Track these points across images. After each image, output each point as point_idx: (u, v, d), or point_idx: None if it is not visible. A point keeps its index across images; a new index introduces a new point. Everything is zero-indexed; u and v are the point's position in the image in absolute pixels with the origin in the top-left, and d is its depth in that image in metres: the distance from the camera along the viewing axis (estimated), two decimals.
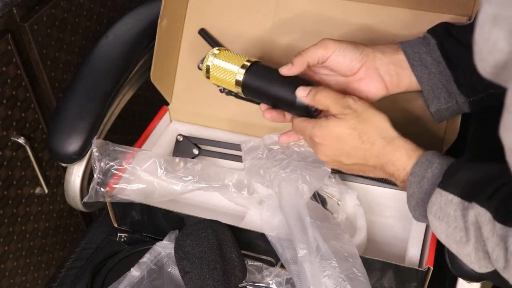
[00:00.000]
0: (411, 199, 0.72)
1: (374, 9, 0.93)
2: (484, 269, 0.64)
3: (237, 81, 0.83)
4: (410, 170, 0.72)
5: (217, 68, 0.84)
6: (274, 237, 0.82)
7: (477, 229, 0.62)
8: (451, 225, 0.65)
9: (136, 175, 0.90)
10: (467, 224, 0.63)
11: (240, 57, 0.84)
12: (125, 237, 0.94)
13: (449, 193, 0.65)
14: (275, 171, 0.85)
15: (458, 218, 0.64)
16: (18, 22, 1.04)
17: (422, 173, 0.70)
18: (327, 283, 0.74)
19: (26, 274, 1.25)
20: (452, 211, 0.65)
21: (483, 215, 0.61)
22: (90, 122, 0.94)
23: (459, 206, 0.64)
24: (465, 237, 0.63)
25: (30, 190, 1.18)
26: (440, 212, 0.66)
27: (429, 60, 0.78)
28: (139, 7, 1.08)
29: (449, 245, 0.67)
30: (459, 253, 0.66)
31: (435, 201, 0.67)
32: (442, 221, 0.66)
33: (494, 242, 0.60)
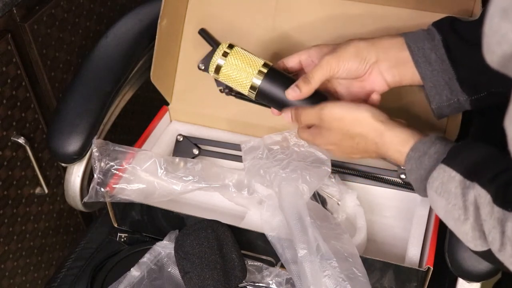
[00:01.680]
0: (410, 175, 0.73)
1: (375, 9, 0.93)
2: (479, 247, 0.65)
3: (252, 86, 0.82)
4: (413, 146, 0.73)
5: (231, 67, 0.82)
6: (274, 237, 0.82)
7: (476, 209, 0.63)
8: (451, 202, 0.66)
9: (136, 175, 0.90)
10: (466, 203, 0.64)
11: (254, 59, 0.83)
12: (125, 237, 0.94)
13: (452, 170, 0.66)
14: (275, 171, 0.85)
15: (458, 196, 0.65)
16: (18, 22, 1.04)
17: (425, 150, 0.71)
18: (327, 283, 0.74)
19: (26, 274, 1.25)
20: (454, 188, 0.66)
21: (483, 196, 0.62)
22: (90, 122, 0.94)
23: (461, 184, 0.65)
24: (463, 215, 0.65)
25: (30, 190, 1.18)
26: (441, 188, 0.67)
27: (433, 57, 0.78)
28: (139, 7, 1.08)
29: (447, 221, 0.68)
30: (456, 231, 0.67)
31: (437, 176, 0.68)
32: (442, 197, 0.67)
33: (492, 225, 0.61)
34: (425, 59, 0.78)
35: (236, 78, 0.83)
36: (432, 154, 0.70)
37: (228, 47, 0.83)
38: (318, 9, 0.96)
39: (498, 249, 0.61)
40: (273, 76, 0.82)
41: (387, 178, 0.93)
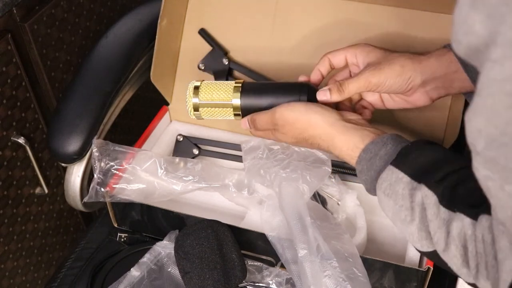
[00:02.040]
0: (361, 175, 0.74)
1: (375, 9, 0.93)
2: (425, 248, 0.65)
3: (235, 107, 0.83)
4: (364, 147, 0.73)
5: (208, 101, 0.83)
6: (274, 237, 0.82)
7: (423, 210, 0.64)
8: (398, 203, 0.67)
9: (136, 175, 0.90)
10: (413, 204, 0.65)
11: (224, 84, 0.83)
12: (125, 237, 0.94)
13: (400, 171, 0.67)
14: (275, 171, 0.85)
15: (406, 197, 0.66)
16: (18, 22, 1.04)
17: (376, 151, 0.71)
18: (327, 283, 0.74)
19: (26, 274, 1.25)
20: (401, 190, 0.66)
21: (429, 197, 0.63)
22: (90, 122, 0.94)
23: (408, 186, 0.66)
24: (410, 216, 0.65)
25: (30, 190, 1.18)
26: (389, 189, 0.68)
27: None
28: (139, 7, 1.08)
29: (394, 222, 0.69)
30: (403, 231, 0.68)
31: (385, 177, 0.68)
32: (390, 198, 0.68)
33: (437, 225, 0.62)
34: None
35: (217, 109, 0.83)
36: (383, 156, 0.70)
37: (195, 85, 0.84)
38: (318, 9, 0.96)
39: (442, 249, 0.62)
40: (249, 88, 0.83)
41: None
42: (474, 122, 0.48)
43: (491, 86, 0.45)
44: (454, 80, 0.79)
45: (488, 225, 0.57)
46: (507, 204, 0.50)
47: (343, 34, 0.94)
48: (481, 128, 0.47)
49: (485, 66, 0.45)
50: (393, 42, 0.92)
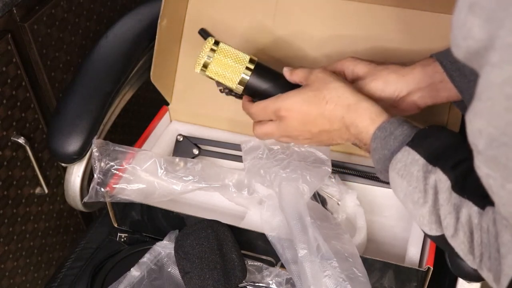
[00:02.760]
0: (374, 153, 0.73)
1: (375, 9, 0.93)
2: (434, 232, 0.66)
3: (241, 81, 0.83)
4: (380, 125, 0.72)
5: (219, 64, 0.83)
6: (274, 237, 0.82)
7: (435, 193, 0.64)
8: (412, 184, 0.66)
9: (136, 175, 0.90)
10: (427, 186, 0.65)
11: (240, 55, 0.83)
12: (125, 237, 0.94)
13: (416, 153, 0.67)
14: (275, 171, 0.85)
15: (420, 179, 0.66)
16: (18, 22, 1.04)
17: (391, 130, 0.71)
18: (327, 283, 0.74)
19: (26, 274, 1.25)
20: (416, 171, 0.66)
21: (443, 181, 0.63)
22: (90, 122, 0.94)
23: (423, 168, 0.66)
24: (422, 198, 0.65)
25: (30, 190, 1.18)
26: (403, 170, 0.67)
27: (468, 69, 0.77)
28: (139, 7, 1.08)
29: (405, 203, 0.69)
30: (414, 214, 0.68)
31: (401, 158, 0.68)
32: (404, 179, 0.67)
33: (447, 210, 0.62)
34: (459, 73, 0.77)
35: (224, 74, 0.83)
36: (398, 136, 0.70)
37: (214, 43, 0.84)
38: (318, 9, 0.96)
39: (451, 235, 0.63)
40: (260, 70, 0.83)
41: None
42: (474, 123, 0.48)
43: (491, 89, 0.45)
44: (440, 89, 0.80)
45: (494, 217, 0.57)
46: (508, 202, 0.51)
47: (343, 34, 0.94)
48: (481, 129, 0.48)
49: (484, 70, 0.45)
50: (393, 42, 0.92)
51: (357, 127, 0.75)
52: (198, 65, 0.84)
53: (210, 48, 0.83)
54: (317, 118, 0.77)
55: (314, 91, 0.77)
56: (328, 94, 0.76)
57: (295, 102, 0.78)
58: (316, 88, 0.77)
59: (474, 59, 0.47)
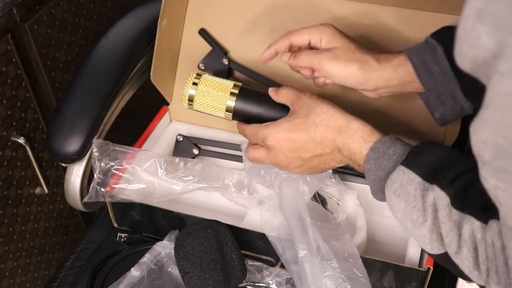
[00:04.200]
0: (369, 174, 0.72)
1: (375, 9, 0.93)
2: (436, 250, 0.64)
3: (228, 108, 0.83)
4: (372, 145, 0.72)
5: (203, 95, 0.84)
6: (274, 237, 0.82)
7: (435, 211, 0.63)
8: (410, 204, 0.65)
9: (136, 175, 0.90)
10: (425, 205, 0.64)
11: (224, 82, 0.84)
12: (125, 237, 0.94)
13: (412, 172, 0.66)
14: (276, 171, 0.86)
15: (418, 198, 0.64)
16: (18, 22, 1.04)
17: (384, 150, 0.70)
18: (327, 283, 0.74)
19: (26, 274, 1.25)
20: (413, 190, 0.65)
21: (442, 198, 0.62)
22: (90, 122, 0.94)
23: (420, 186, 0.65)
24: (422, 217, 0.64)
25: (30, 190, 1.18)
26: (400, 190, 0.66)
27: (436, 69, 0.77)
28: (139, 7, 1.08)
29: (404, 224, 0.68)
30: (414, 233, 0.66)
31: (396, 178, 0.67)
32: (401, 199, 0.66)
33: (449, 227, 0.61)
34: (427, 72, 0.77)
35: (211, 105, 0.84)
36: (391, 155, 0.69)
37: (196, 76, 0.85)
38: (318, 9, 0.96)
39: (454, 252, 0.61)
40: (246, 94, 0.84)
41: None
42: (480, 133, 0.47)
43: (500, 99, 0.44)
44: (406, 87, 0.80)
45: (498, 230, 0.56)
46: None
47: None
48: (486, 139, 0.46)
49: (493, 79, 0.44)
50: (393, 42, 0.92)
51: (349, 148, 0.74)
52: (184, 100, 0.85)
53: (192, 81, 0.85)
54: (307, 143, 0.76)
55: (302, 118, 0.76)
56: (317, 118, 0.75)
57: (282, 130, 0.77)
58: (304, 114, 0.76)
59: (481, 69, 0.46)
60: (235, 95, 0.83)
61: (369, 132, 0.73)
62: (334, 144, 0.75)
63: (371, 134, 0.73)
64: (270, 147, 0.78)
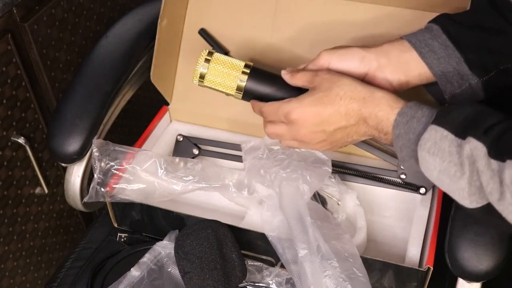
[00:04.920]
0: (398, 140, 0.72)
1: (375, 9, 0.93)
2: (474, 204, 0.64)
3: (238, 87, 0.83)
4: (400, 111, 0.72)
5: (215, 72, 0.84)
6: (274, 237, 0.82)
7: (472, 163, 0.63)
8: (446, 159, 0.65)
9: (136, 175, 0.90)
10: (462, 158, 0.64)
11: (235, 62, 0.84)
12: (125, 237, 0.94)
13: (444, 129, 0.66)
14: (275, 171, 0.86)
15: (453, 153, 0.65)
16: (18, 22, 1.04)
17: (412, 114, 0.71)
18: (327, 283, 0.74)
19: (26, 274, 1.25)
20: (447, 146, 0.65)
21: (479, 149, 0.62)
22: (90, 122, 0.94)
23: (453, 142, 0.65)
24: (459, 171, 0.64)
25: (30, 190, 1.18)
26: (434, 148, 0.67)
27: (436, 44, 0.77)
28: (139, 7, 1.08)
29: (441, 181, 0.67)
30: (452, 189, 0.66)
31: (429, 137, 0.67)
32: (436, 156, 0.66)
33: (489, 175, 0.61)
34: (428, 49, 0.77)
35: (221, 82, 0.84)
36: (420, 117, 0.70)
37: (208, 54, 0.85)
38: (318, 9, 0.96)
39: (497, 199, 0.61)
40: (257, 74, 0.83)
41: (387, 178, 0.93)
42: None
43: None
44: (411, 65, 0.79)
45: None
46: None
47: (343, 34, 0.94)
48: None
49: None
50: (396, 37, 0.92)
51: (376, 116, 0.74)
52: (196, 77, 0.85)
53: (204, 58, 0.84)
54: (331, 115, 0.76)
55: (324, 91, 0.76)
56: (341, 91, 0.75)
57: (307, 104, 0.77)
58: (326, 88, 0.76)
59: None
60: (247, 74, 0.83)
61: (395, 100, 0.73)
62: (360, 114, 0.75)
63: (397, 101, 0.73)
64: (293, 122, 0.77)
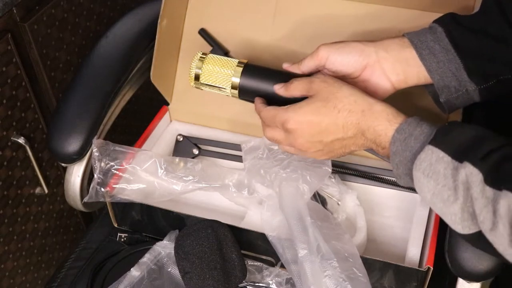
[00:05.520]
0: (394, 157, 0.71)
1: (375, 9, 0.93)
2: (466, 230, 0.63)
3: (233, 85, 0.83)
4: (398, 127, 0.70)
5: (209, 72, 0.84)
6: (274, 237, 0.82)
7: (466, 189, 0.62)
8: (440, 182, 0.64)
9: (136, 175, 0.90)
10: (456, 183, 0.63)
11: (229, 60, 0.84)
12: (125, 237, 0.94)
13: (440, 151, 0.65)
14: (275, 171, 0.85)
15: (448, 176, 0.64)
16: (18, 22, 1.04)
17: (410, 131, 0.69)
18: (327, 283, 0.74)
19: (26, 274, 1.25)
20: (443, 169, 0.64)
21: (475, 175, 0.61)
22: (90, 122, 0.94)
23: (450, 165, 0.64)
24: (453, 196, 0.63)
25: (30, 190, 1.18)
26: (429, 169, 0.65)
27: (437, 48, 0.76)
28: (139, 7, 1.08)
29: (434, 204, 0.66)
30: (444, 212, 0.65)
31: (425, 158, 0.66)
32: (430, 178, 0.65)
33: (483, 203, 0.60)
34: (429, 51, 0.76)
35: (216, 82, 0.84)
36: (418, 135, 0.68)
37: (201, 56, 0.85)
38: (318, 9, 0.96)
39: (489, 229, 0.60)
40: (250, 71, 0.83)
41: (387, 178, 0.93)
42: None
43: None
44: (410, 63, 0.78)
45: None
46: None
47: (344, 34, 0.94)
48: None
49: None
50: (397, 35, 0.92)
51: (375, 130, 0.72)
52: (191, 79, 0.85)
53: (198, 59, 0.85)
54: (329, 126, 0.74)
55: (322, 101, 0.74)
56: (339, 103, 0.74)
57: (304, 113, 0.75)
58: (324, 99, 0.75)
59: None
60: (240, 72, 0.83)
61: (394, 114, 0.72)
62: (358, 127, 0.74)
63: (396, 116, 0.72)
64: (290, 131, 0.76)
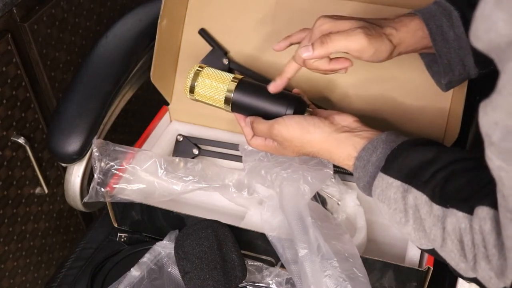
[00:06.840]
0: (358, 182, 0.75)
1: (375, 8, 0.93)
2: (425, 246, 0.67)
3: (226, 99, 0.84)
4: (357, 155, 0.74)
5: (204, 86, 0.85)
6: (274, 237, 0.82)
7: (416, 211, 0.66)
8: (392, 207, 0.68)
9: (136, 175, 0.90)
10: (406, 206, 0.66)
11: (224, 75, 0.85)
12: (125, 237, 0.94)
13: (389, 177, 0.68)
14: (276, 171, 0.85)
15: (398, 200, 0.67)
16: (18, 22, 1.04)
17: (368, 158, 0.73)
18: (327, 283, 0.75)
19: (26, 274, 1.25)
20: (392, 194, 0.68)
21: (419, 198, 0.65)
22: (90, 122, 0.94)
23: (399, 189, 0.67)
24: (404, 218, 0.67)
25: (30, 190, 1.18)
26: (382, 195, 0.69)
27: (451, 35, 0.77)
28: (139, 7, 1.08)
29: (393, 225, 0.71)
30: (402, 231, 0.69)
31: (377, 184, 0.70)
32: (383, 203, 0.69)
33: (431, 223, 0.64)
34: (442, 37, 0.77)
35: (210, 96, 0.85)
36: (374, 162, 0.72)
37: (198, 68, 0.86)
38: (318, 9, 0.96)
39: (440, 246, 0.64)
40: (244, 87, 0.84)
41: None
42: (491, 115, 0.48)
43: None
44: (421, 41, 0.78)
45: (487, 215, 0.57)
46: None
47: None
48: (498, 121, 0.47)
49: (507, 65, 0.45)
50: None
51: (340, 157, 0.77)
52: (186, 91, 0.87)
53: (194, 72, 0.86)
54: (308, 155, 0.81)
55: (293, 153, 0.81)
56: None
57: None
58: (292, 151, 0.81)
59: (494, 53, 0.47)
60: (234, 87, 0.84)
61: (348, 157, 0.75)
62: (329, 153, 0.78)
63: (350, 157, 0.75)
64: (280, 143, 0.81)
